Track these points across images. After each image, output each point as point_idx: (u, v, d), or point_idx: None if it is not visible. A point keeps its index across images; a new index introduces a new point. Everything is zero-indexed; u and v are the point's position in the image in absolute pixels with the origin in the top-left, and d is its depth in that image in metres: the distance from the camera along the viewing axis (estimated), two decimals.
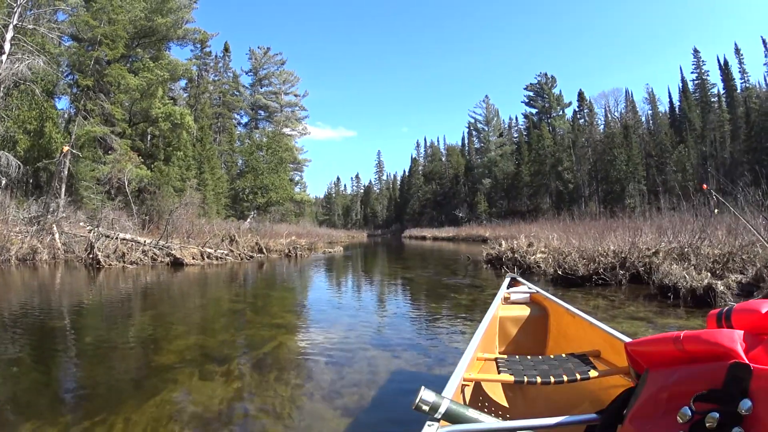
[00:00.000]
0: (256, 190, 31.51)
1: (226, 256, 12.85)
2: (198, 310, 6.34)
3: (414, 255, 20.06)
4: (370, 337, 4.35)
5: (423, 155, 69.41)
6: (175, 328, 4.90)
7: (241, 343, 4.29)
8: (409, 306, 6.81)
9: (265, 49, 46.19)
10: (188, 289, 8.63)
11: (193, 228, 14.26)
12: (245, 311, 6.23)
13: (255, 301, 7.29)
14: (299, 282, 10.10)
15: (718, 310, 1.02)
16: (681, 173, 33.85)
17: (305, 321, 5.58)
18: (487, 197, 53.02)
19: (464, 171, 58.66)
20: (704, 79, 40.47)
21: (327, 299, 7.39)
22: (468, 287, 8.25)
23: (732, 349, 0.85)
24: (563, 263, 8.12)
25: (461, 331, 4.60)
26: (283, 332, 4.70)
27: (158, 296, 7.54)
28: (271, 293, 8.09)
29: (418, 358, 3.59)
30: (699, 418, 0.80)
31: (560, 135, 48.29)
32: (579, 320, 2.29)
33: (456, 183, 60.00)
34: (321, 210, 77.81)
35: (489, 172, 54.35)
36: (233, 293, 8.04)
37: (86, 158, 17.46)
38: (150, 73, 20.03)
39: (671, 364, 0.98)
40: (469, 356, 1.75)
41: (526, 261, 9.83)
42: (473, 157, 58.96)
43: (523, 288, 2.98)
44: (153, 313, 5.92)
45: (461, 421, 1.21)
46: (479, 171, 56.07)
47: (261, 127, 43.75)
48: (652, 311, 5.34)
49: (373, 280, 10.54)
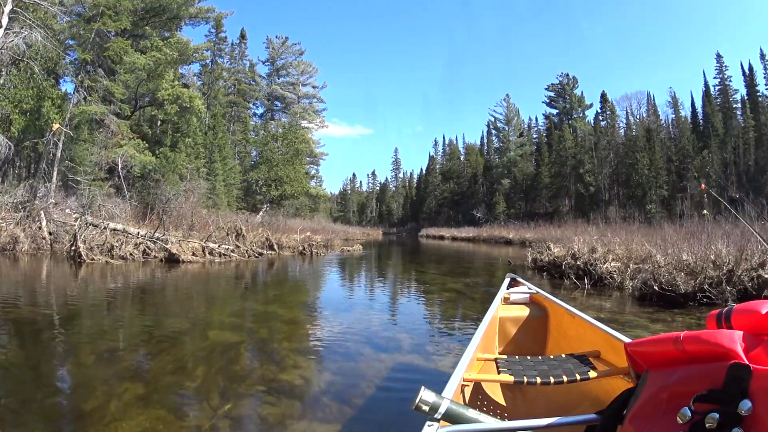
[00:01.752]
0: (270, 182, 29.73)
1: (231, 253, 11.15)
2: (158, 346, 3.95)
3: (443, 257, 17.94)
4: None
5: (441, 153, 67.36)
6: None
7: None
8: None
9: (284, 39, 44.59)
10: (172, 296, 6.88)
11: (196, 220, 12.56)
12: (238, 350, 4.00)
13: (254, 328, 4.85)
14: (316, 292, 7.96)
15: (717, 311, 1.03)
16: (705, 179, 31.98)
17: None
18: (505, 198, 51.06)
19: (483, 170, 56.64)
20: (726, 84, 38.79)
21: (359, 328, 4.71)
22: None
23: (732, 350, 0.85)
24: (658, 276, 6.30)
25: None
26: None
27: (119, 311, 5.62)
28: (279, 313, 5.68)
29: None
30: (699, 418, 0.79)
31: (581, 137, 46.58)
32: (579, 320, 2.27)
33: (474, 182, 57.99)
34: (336, 206, 76.51)
35: (508, 172, 52.49)
36: (228, 311, 5.83)
37: (82, 140, 15.92)
38: (158, 53, 18.47)
39: (671, 364, 0.98)
40: (468, 356, 1.74)
41: (597, 270, 7.91)
42: (492, 156, 56.94)
43: (523, 288, 2.95)
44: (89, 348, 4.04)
45: (461, 421, 1.20)
46: (498, 171, 54.10)
47: (277, 119, 42.19)
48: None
49: (415, 294, 8.09)
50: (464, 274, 10.72)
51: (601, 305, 6.24)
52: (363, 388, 2.85)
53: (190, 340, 4.05)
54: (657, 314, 5.46)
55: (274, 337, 4.24)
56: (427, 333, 4.63)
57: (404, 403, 2.20)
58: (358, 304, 6.59)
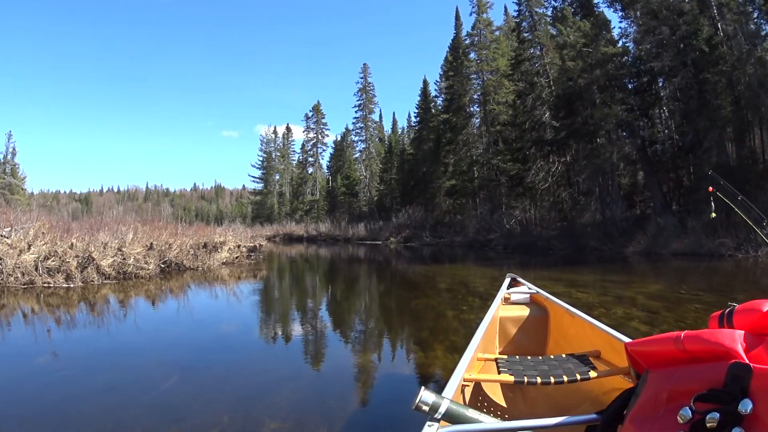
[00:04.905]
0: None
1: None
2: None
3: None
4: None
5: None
6: None
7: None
8: None
9: None
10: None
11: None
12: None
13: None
14: None
15: (720, 312, 1.02)
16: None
17: None
18: None
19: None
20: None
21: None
22: None
23: (732, 349, 0.85)
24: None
25: None
26: None
27: None
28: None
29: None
30: (699, 418, 0.79)
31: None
32: (579, 320, 2.28)
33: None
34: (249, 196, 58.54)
35: None
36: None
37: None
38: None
39: (671, 364, 0.97)
40: (469, 356, 1.74)
41: None
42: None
43: (524, 288, 2.94)
44: None
45: (461, 421, 1.19)
46: None
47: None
48: None
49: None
50: None
51: None
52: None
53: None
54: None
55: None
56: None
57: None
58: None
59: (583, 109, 18.62)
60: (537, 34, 23.84)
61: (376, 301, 8.17)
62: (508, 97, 26.66)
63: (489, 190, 28.34)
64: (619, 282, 8.98)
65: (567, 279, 9.29)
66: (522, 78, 24.51)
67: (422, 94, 38.91)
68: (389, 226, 32.83)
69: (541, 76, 23.58)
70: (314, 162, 49.88)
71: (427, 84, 39.08)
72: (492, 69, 28.46)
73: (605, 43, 17.90)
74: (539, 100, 22.91)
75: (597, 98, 17.95)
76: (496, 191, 27.63)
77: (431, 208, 32.98)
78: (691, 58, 15.92)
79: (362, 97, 44.90)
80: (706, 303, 6.17)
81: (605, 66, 17.68)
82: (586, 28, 18.29)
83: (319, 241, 35.33)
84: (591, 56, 17.79)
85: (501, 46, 29.33)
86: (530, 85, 23.58)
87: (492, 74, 28.48)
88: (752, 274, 10.40)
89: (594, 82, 17.63)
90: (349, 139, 46.93)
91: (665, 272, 11.19)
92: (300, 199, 48.67)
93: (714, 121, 15.35)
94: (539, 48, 23.90)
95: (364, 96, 44.87)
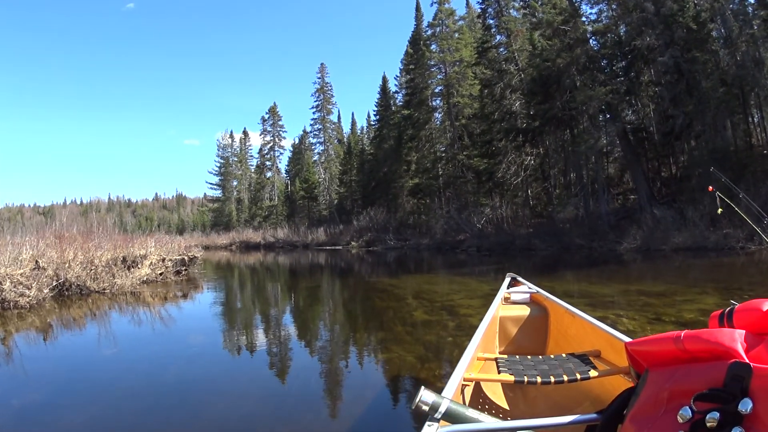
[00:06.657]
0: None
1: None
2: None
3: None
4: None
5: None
6: None
7: None
8: None
9: None
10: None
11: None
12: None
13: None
14: None
15: (720, 311, 1.01)
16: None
17: None
18: None
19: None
20: None
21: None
22: None
23: (732, 349, 0.84)
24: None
25: None
26: None
27: None
28: None
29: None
30: (699, 417, 0.79)
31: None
32: (579, 320, 2.26)
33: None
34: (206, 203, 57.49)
35: None
36: None
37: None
38: None
39: (672, 363, 0.96)
40: (469, 356, 1.74)
41: None
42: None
43: (524, 288, 2.93)
44: None
45: (461, 421, 1.19)
46: None
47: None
48: None
49: None
50: None
51: None
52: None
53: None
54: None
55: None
56: None
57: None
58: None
59: (560, 94, 16.98)
60: (504, 19, 22.36)
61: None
62: (473, 89, 25.31)
63: (455, 187, 26.72)
64: (652, 293, 6.54)
65: (578, 291, 7.17)
66: (489, 66, 22.91)
67: (381, 91, 36.95)
68: (350, 229, 31.14)
69: (510, 62, 22.02)
70: (272, 166, 47.16)
71: (386, 80, 37.27)
72: (455, 60, 27.01)
73: (584, 21, 16.38)
74: (509, 88, 21.33)
75: (577, 80, 16.35)
76: (462, 188, 26.16)
77: (394, 209, 31.17)
78: (678, 36, 14.58)
79: (320, 98, 43.62)
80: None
81: (585, 45, 16.12)
82: (563, 5, 16.68)
83: (276, 247, 33.31)
84: (569, 35, 16.18)
85: (464, 36, 27.93)
86: (498, 73, 22.01)
87: (456, 65, 27.06)
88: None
89: (573, 63, 16.00)
90: (307, 142, 44.65)
91: (692, 272, 9.37)
92: (258, 204, 45.95)
93: (705, 103, 14.03)
94: (506, 34, 22.41)
95: (321, 96, 43.67)
